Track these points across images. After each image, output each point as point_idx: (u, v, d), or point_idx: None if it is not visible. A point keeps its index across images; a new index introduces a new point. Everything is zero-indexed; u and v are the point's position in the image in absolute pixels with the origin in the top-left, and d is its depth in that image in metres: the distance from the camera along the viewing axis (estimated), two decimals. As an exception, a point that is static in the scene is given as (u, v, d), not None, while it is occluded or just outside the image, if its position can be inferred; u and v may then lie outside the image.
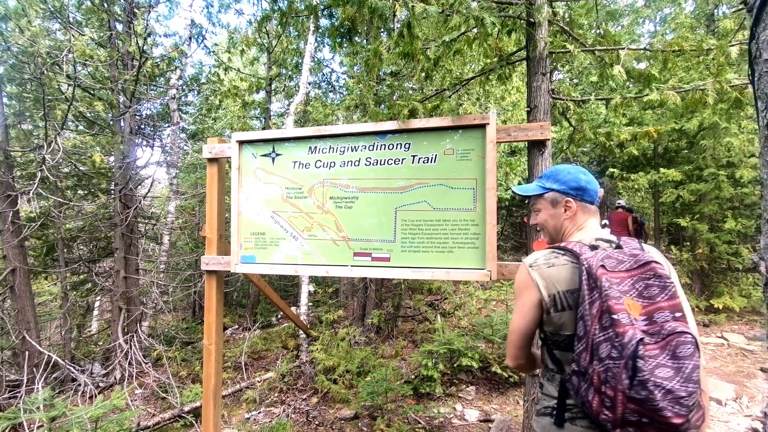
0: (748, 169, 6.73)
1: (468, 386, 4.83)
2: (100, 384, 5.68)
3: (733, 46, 2.49)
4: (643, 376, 0.93)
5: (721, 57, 2.56)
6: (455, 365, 4.90)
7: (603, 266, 1.11)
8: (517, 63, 3.29)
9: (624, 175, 8.75)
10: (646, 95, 2.75)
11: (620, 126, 6.89)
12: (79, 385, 5.00)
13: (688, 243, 8.39)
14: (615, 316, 1.00)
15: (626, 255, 1.15)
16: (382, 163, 2.92)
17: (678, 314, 1.00)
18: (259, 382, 5.33)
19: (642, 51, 2.81)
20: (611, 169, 8.99)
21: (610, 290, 1.05)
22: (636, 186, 8.31)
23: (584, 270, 1.14)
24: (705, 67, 2.98)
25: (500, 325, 5.27)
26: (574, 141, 3.76)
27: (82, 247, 7.49)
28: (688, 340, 0.96)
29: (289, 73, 8.77)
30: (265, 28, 8.20)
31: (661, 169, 7.58)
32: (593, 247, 1.24)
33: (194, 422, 4.52)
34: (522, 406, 3.09)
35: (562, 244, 1.35)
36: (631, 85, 3.99)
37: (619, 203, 9.82)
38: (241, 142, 3.25)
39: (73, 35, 5.40)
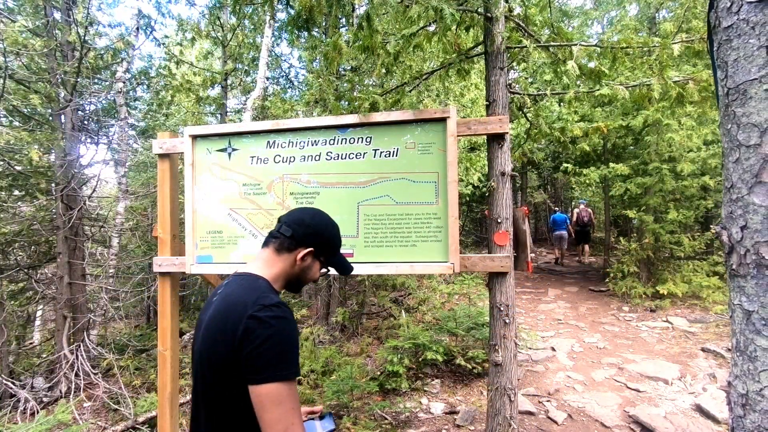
0: (688, 163, 7.21)
1: (433, 380, 4.87)
2: (44, 399, 5.28)
3: (675, 43, 2.63)
4: None
5: (664, 54, 2.70)
6: (420, 359, 4.93)
7: None
8: (475, 58, 3.33)
9: (577, 170, 9.15)
10: (598, 90, 2.86)
11: (573, 122, 7.18)
12: (19, 401, 4.62)
13: (635, 234, 8.88)
14: None
15: None
16: (343, 157, 2.88)
17: None
18: (219, 387, 5.14)
19: (593, 47, 2.91)
20: (565, 165, 9.36)
21: None
22: (588, 180, 8.71)
23: None
24: (648, 67, 3.13)
25: (463, 318, 5.35)
26: (531, 136, 3.87)
27: (20, 252, 6.93)
28: None
29: (246, 68, 8.50)
30: (220, 20, 7.91)
31: (611, 164, 7.97)
32: None
33: (150, 433, 4.29)
34: (486, 395, 3.14)
35: None
36: (581, 85, 4.16)
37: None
38: (195, 137, 3.09)
39: (2, 21, 4.96)
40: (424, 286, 7.27)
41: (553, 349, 5.67)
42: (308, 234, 1.28)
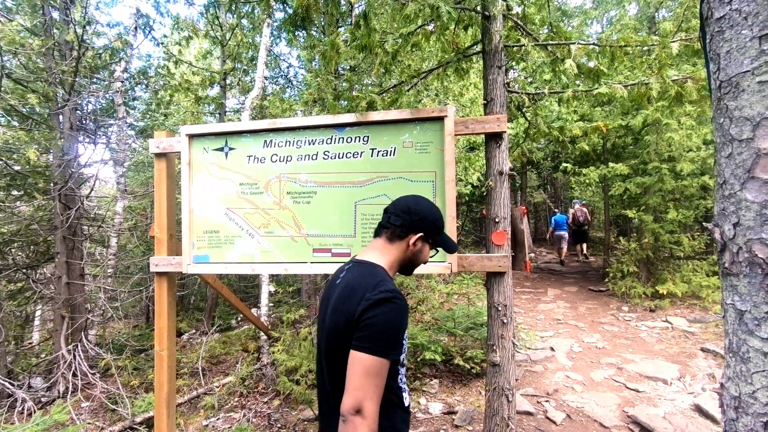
0: (688, 162, 7.19)
1: (431, 380, 4.86)
2: (42, 399, 5.27)
3: (674, 42, 2.62)
4: None
5: (663, 53, 2.69)
6: (419, 359, 4.92)
7: None
8: (473, 56, 3.32)
9: (576, 170, 9.13)
10: (596, 89, 2.84)
11: (572, 122, 7.16)
12: (16, 401, 4.61)
13: (635, 234, 8.86)
14: None
15: None
16: (341, 156, 2.87)
17: None
18: (217, 387, 5.13)
19: (591, 46, 2.90)
20: (564, 164, 9.34)
21: None
22: (587, 180, 8.69)
23: None
24: (648, 67, 3.12)
25: (462, 318, 5.33)
26: (529, 135, 3.85)
27: (19, 252, 6.92)
28: None
29: (244, 67, 8.48)
30: (218, 19, 7.90)
31: (610, 164, 7.95)
32: None
33: (147, 433, 4.28)
34: (484, 395, 3.13)
35: None
36: (580, 84, 4.14)
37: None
38: (192, 136, 3.09)
39: None
40: (423, 286, 7.25)
41: (552, 349, 5.66)
42: (416, 220, 1.38)
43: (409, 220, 1.38)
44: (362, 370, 1.13)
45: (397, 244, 1.39)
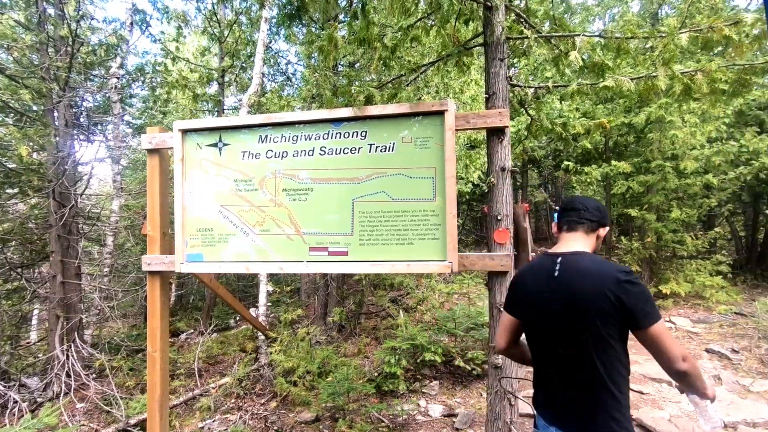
0: (691, 160, 7.09)
1: (431, 381, 4.78)
2: (38, 399, 5.19)
3: (682, 33, 2.53)
4: None
5: (671, 44, 2.60)
6: (418, 360, 4.83)
7: None
8: (474, 49, 3.23)
9: (578, 169, 9.03)
10: (602, 82, 2.75)
11: (574, 119, 7.07)
12: (7, 401, 4.53)
13: (637, 233, 8.77)
14: None
15: None
16: (338, 152, 2.78)
17: None
18: (214, 388, 5.05)
19: (597, 38, 2.81)
20: (566, 163, 9.24)
21: None
22: (589, 179, 8.58)
23: None
24: (651, 63, 3.03)
25: (463, 318, 5.25)
26: (531, 132, 3.76)
27: (17, 251, 6.84)
28: None
29: (242, 64, 8.39)
30: (216, 16, 7.81)
31: (612, 162, 7.85)
32: None
33: (142, 435, 4.20)
34: (486, 398, 3.04)
35: None
36: (583, 81, 4.05)
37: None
38: (185, 131, 3.00)
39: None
40: (423, 286, 7.16)
41: (554, 349, 5.57)
42: (602, 217, 1.67)
43: (600, 216, 1.65)
44: (666, 334, 1.43)
45: (591, 236, 1.65)
